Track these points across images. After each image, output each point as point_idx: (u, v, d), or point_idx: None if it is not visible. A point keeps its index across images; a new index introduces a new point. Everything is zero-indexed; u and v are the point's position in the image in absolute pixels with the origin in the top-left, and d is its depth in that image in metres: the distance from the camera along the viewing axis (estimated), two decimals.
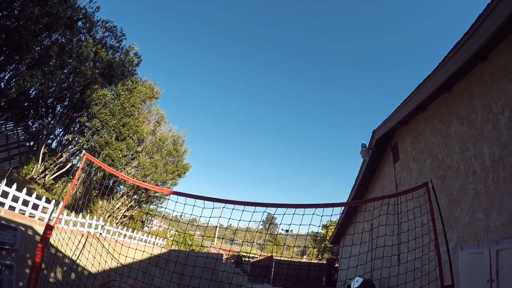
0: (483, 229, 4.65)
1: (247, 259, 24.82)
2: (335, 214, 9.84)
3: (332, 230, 20.31)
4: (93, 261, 5.63)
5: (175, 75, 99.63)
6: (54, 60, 12.16)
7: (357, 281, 9.21)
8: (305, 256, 28.93)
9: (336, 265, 20.23)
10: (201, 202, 3.90)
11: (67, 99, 14.55)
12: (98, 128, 14.87)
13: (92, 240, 6.26)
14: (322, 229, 24.70)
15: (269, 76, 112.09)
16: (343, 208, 12.97)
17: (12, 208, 5.93)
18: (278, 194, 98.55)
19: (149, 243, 12.52)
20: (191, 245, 19.54)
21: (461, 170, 5.45)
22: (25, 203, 6.30)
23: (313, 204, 3.65)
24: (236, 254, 24.44)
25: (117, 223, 15.95)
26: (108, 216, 15.81)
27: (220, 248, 23.12)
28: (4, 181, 5.66)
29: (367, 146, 10.26)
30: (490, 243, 4.35)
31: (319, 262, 22.39)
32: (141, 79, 17.83)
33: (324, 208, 3.74)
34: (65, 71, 13.25)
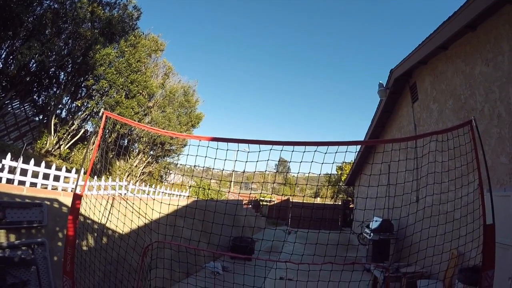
0: (506, 173, 4.58)
1: (264, 203, 25.68)
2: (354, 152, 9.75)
3: (347, 171, 20.54)
4: (122, 221, 5.79)
5: (176, 23, 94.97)
6: (49, 28, 11.63)
7: (375, 221, 9.40)
8: (318, 198, 29.76)
9: (351, 205, 20.80)
10: (215, 147, 3.65)
11: (69, 66, 14.09)
12: (106, 89, 14.62)
13: (117, 201, 6.39)
14: (336, 171, 25.03)
15: (284, 9, 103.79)
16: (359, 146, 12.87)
17: (33, 184, 6.02)
18: (294, 133, 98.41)
19: (173, 195, 12.97)
20: (209, 189, 20.13)
21: (485, 112, 5.21)
22: (46, 176, 6.37)
23: (339, 142, 3.05)
24: (253, 199, 25.25)
25: (136, 181, 16.46)
26: (128, 175, 16.29)
27: (239, 194, 23.81)
28: (21, 159, 5.69)
29: (384, 86, 9.90)
30: None
31: (334, 203, 23.05)
32: (143, 33, 17.06)
33: (349, 146, 3.31)
34: (63, 37, 12.67)
